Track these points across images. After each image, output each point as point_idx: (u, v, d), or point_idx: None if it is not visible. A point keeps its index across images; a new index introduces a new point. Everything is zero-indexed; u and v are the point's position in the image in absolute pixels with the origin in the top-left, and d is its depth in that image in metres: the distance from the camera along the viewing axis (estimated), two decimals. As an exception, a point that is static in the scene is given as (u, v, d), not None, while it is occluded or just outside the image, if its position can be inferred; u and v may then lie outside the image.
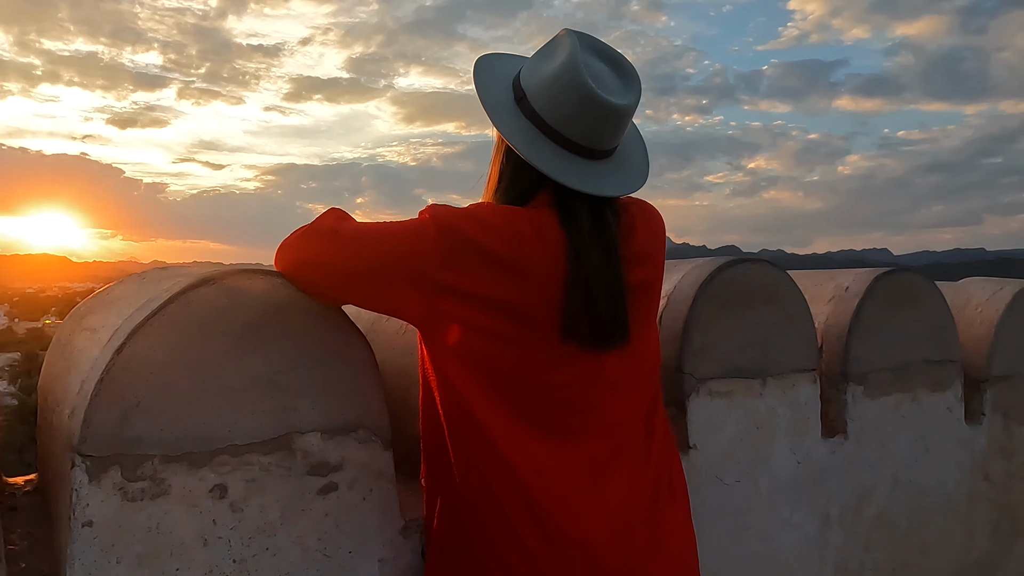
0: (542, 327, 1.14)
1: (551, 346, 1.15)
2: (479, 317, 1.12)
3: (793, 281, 2.00)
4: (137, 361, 1.08)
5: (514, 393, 1.16)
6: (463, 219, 1.14)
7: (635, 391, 1.28)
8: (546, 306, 1.14)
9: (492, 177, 1.24)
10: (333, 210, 1.22)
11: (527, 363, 1.15)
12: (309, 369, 1.23)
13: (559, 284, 1.14)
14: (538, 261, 1.13)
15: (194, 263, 1.53)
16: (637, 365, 1.28)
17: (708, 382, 1.83)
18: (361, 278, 1.16)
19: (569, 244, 1.14)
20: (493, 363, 1.15)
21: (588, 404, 1.21)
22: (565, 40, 1.18)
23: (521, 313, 1.13)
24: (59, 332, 1.52)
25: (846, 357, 2.12)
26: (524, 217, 1.15)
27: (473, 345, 1.14)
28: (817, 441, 2.04)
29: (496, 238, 1.12)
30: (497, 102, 1.19)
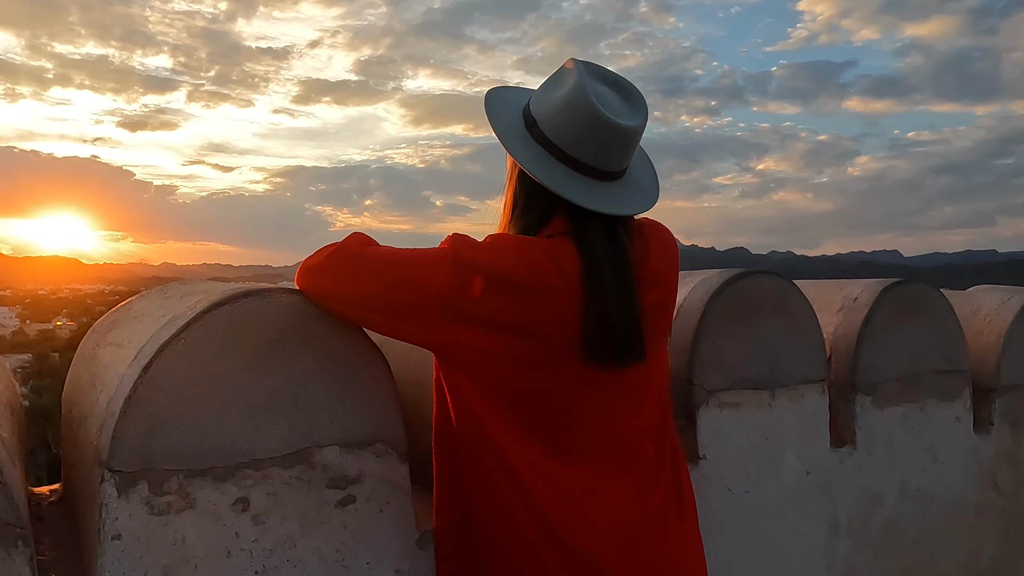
0: (559, 351, 1.17)
1: (567, 369, 1.18)
2: (496, 343, 1.16)
3: (801, 292, 2.03)
4: (164, 379, 1.11)
5: (530, 414, 1.19)
6: (480, 251, 1.17)
7: (646, 408, 1.31)
8: (563, 330, 1.17)
9: (507, 203, 1.27)
10: (356, 235, 1.25)
11: (544, 386, 1.19)
12: (328, 384, 1.26)
13: (576, 308, 1.17)
14: (555, 288, 1.16)
15: (216, 279, 1.57)
16: (649, 383, 1.30)
17: (717, 393, 1.85)
18: (379, 307, 1.20)
19: (585, 268, 1.17)
20: (510, 386, 1.18)
21: (601, 423, 1.24)
22: (572, 69, 1.22)
23: (538, 338, 1.16)
24: (83, 345, 1.56)
25: (855, 367, 2.14)
26: (539, 247, 1.19)
27: (490, 369, 1.17)
28: (826, 451, 2.06)
29: (513, 269, 1.15)
30: (508, 129, 1.22)
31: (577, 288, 1.17)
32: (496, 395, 1.19)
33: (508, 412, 1.19)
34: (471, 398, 1.20)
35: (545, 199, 1.21)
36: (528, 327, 1.16)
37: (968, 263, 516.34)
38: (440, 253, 1.18)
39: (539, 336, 1.16)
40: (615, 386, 1.24)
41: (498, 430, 1.19)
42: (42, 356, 65.28)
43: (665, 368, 1.37)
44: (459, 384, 1.21)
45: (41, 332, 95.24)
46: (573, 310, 1.17)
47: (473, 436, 1.21)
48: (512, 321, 1.15)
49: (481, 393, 1.19)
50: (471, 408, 1.20)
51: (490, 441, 1.19)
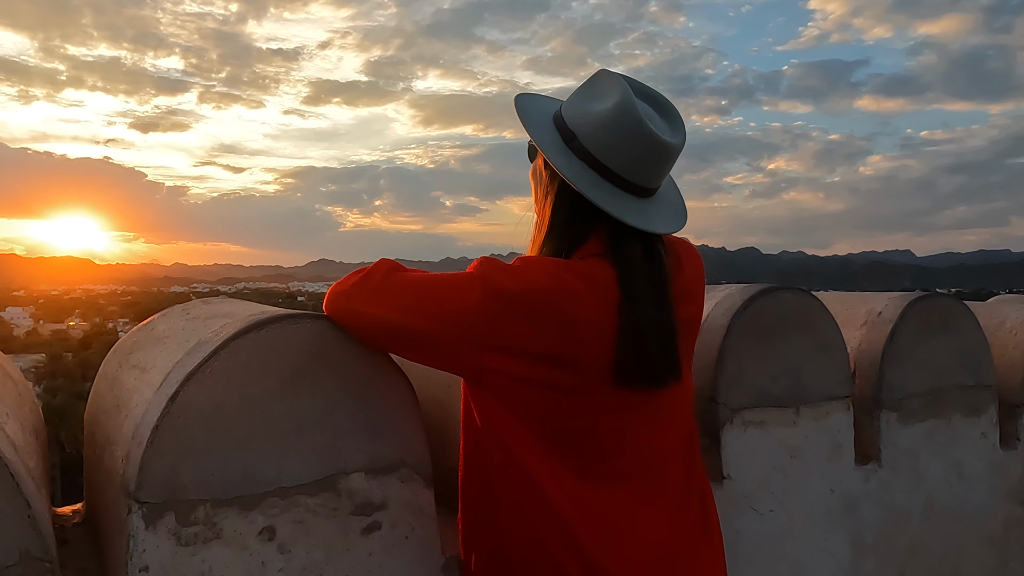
0: (592, 375, 1.15)
1: (601, 393, 1.17)
2: (527, 369, 1.14)
3: (826, 308, 2.00)
4: (190, 408, 1.10)
5: (562, 440, 1.18)
6: (510, 276, 1.15)
7: (674, 429, 1.29)
8: (598, 356, 1.15)
9: (544, 219, 1.24)
10: (383, 262, 1.23)
11: (576, 411, 1.17)
12: (353, 410, 1.25)
13: (612, 333, 1.15)
14: (589, 313, 1.14)
15: (239, 300, 1.56)
16: (677, 402, 1.29)
17: (742, 412, 1.83)
18: (406, 335, 1.18)
19: (623, 291, 1.15)
20: (542, 412, 1.17)
21: (632, 446, 1.23)
22: (614, 82, 1.19)
23: (570, 364, 1.14)
24: (105, 365, 1.56)
25: (880, 384, 2.11)
26: (573, 270, 1.17)
27: (521, 396, 1.16)
28: (851, 468, 2.03)
29: (545, 295, 1.13)
30: (550, 144, 1.20)
31: (613, 312, 1.15)
32: (528, 421, 1.17)
33: (540, 438, 1.18)
34: (502, 424, 1.18)
35: (586, 217, 1.19)
36: (561, 354, 1.14)
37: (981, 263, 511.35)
38: (468, 279, 1.16)
39: (572, 362, 1.15)
40: (647, 408, 1.23)
41: (530, 456, 1.18)
42: (55, 356, 65.87)
43: (691, 386, 1.36)
44: (490, 410, 1.19)
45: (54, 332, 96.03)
46: (608, 335, 1.15)
47: (504, 462, 1.20)
48: (544, 349, 1.13)
49: (512, 419, 1.18)
50: (502, 434, 1.19)
51: (522, 467, 1.17)
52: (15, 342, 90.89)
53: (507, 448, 1.18)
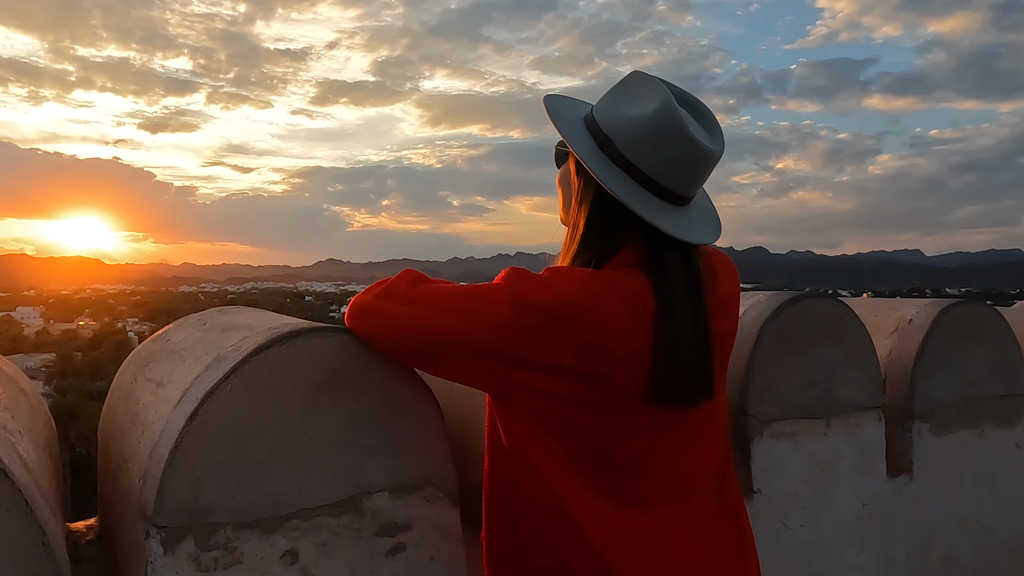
0: (624, 392, 1.10)
1: (631, 411, 1.12)
2: (556, 385, 1.09)
3: (856, 315, 1.94)
4: (209, 427, 1.06)
5: (591, 460, 1.13)
6: (540, 288, 1.09)
7: (708, 449, 1.24)
8: (629, 371, 1.10)
9: (577, 228, 1.18)
10: (407, 273, 1.18)
11: (607, 430, 1.12)
12: (377, 427, 1.20)
13: (645, 347, 1.10)
14: (622, 326, 1.09)
15: (255, 310, 1.51)
16: (711, 422, 1.24)
17: (772, 424, 1.77)
18: (430, 349, 1.13)
19: (660, 305, 1.10)
20: (571, 430, 1.12)
21: (664, 467, 1.18)
22: (653, 86, 1.14)
23: (602, 380, 1.09)
24: (120, 376, 1.52)
25: (912, 393, 2.05)
26: (606, 282, 1.11)
27: (549, 412, 1.11)
28: (882, 481, 1.97)
29: (576, 308, 1.08)
30: (587, 150, 1.15)
31: (648, 326, 1.10)
32: (556, 439, 1.12)
33: (568, 458, 1.13)
34: (529, 442, 1.13)
35: (621, 227, 1.14)
36: (592, 370, 1.09)
37: (991, 262, 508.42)
38: (495, 290, 1.11)
39: (604, 378, 1.09)
40: (680, 426, 1.18)
41: (558, 477, 1.13)
42: (65, 356, 66.21)
43: (725, 403, 1.30)
44: (516, 427, 1.14)
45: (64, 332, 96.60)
46: (642, 350, 1.10)
47: (530, 482, 1.15)
48: (575, 364, 1.08)
49: (540, 438, 1.13)
50: (529, 454, 1.14)
51: (549, 488, 1.12)
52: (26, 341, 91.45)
53: (534, 468, 1.13)
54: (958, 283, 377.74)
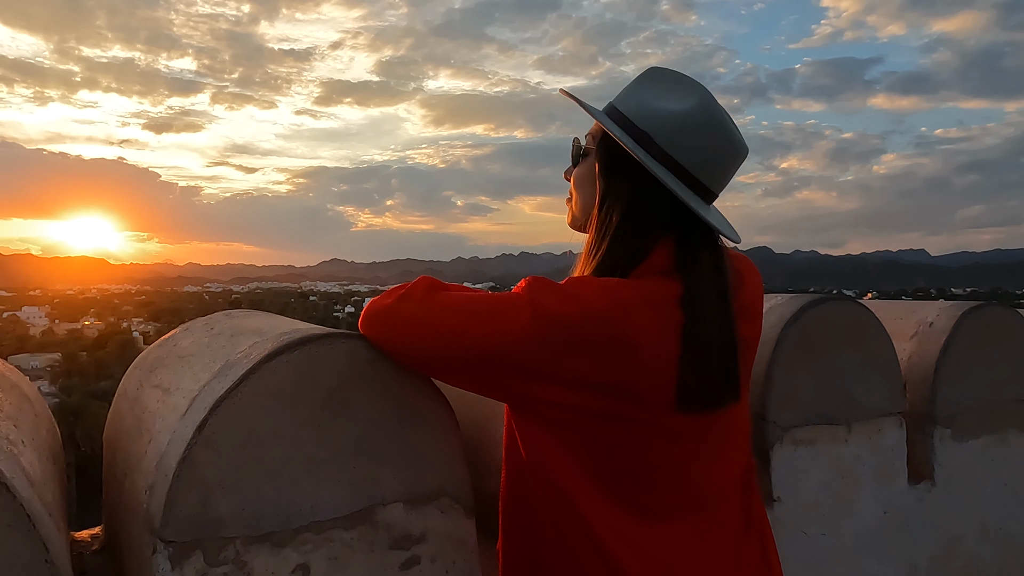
0: (650, 405, 1.06)
1: (656, 423, 1.07)
2: (579, 398, 1.05)
3: (877, 319, 1.90)
4: (219, 438, 1.02)
5: (614, 473, 1.08)
6: (563, 299, 1.04)
7: (732, 460, 1.20)
8: (656, 382, 1.06)
9: (607, 229, 1.13)
10: (423, 280, 1.14)
11: (630, 442, 1.08)
12: (391, 435, 1.17)
13: (673, 354, 1.06)
14: (651, 340, 1.05)
15: (264, 314, 1.48)
16: (735, 432, 1.20)
17: (792, 430, 1.73)
18: (447, 361, 1.09)
19: (689, 306, 1.07)
20: (592, 443, 1.07)
21: (688, 481, 1.13)
22: (687, 81, 1.12)
23: (627, 392, 1.05)
24: (125, 382, 1.48)
25: (933, 398, 2.00)
26: (635, 291, 1.07)
27: (571, 425, 1.07)
28: (903, 488, 1.93)
29: (602, 320, 1.03)
30: (634, 146, 1.10)
31: (675, 332, 1.07)
32: (577, 452, 1.08)
33: (590, 471, 1.09)
34: (549, 455, 1.09)
35: (653, 228, 1.11)
36: (617, 382, 1.05)
37: (997, 262, 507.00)
38: (515, 300, 1.06)
39: (629, 391, 1.05)
40: (704, 437, 1.14)
41: (579, 491, 1.09)
42: (71, 355, 66.40)
43: (748, 412, 1.26)
44: (536, 440, 1.10)
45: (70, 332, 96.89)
46: (670, 358, 1.06)
47: (550, 496, 1.11)
48: (599, 377, 1.04)
49: (560, 450, 1.08)
50: (549, 466, 1.09)
51: (569, 502, 1.08)
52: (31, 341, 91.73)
53: (553, 479, 1.09)
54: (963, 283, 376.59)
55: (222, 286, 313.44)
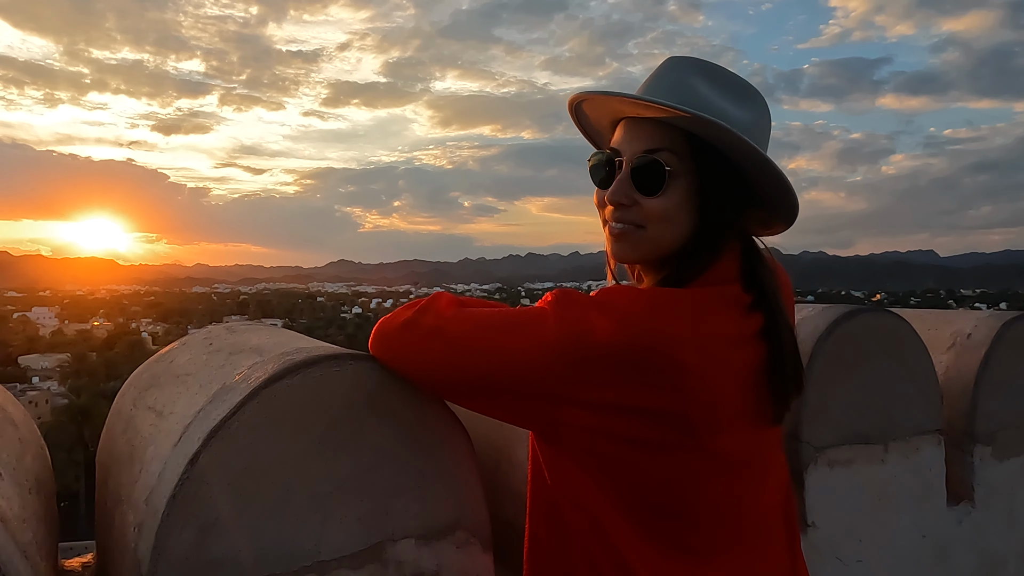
0: (701, 429, 0.96)
1: (705, 449, 0.97)
2: (616, 425, 0.94)
3: (914, 331, 1.79)
4: (213, 471, 0.92)
5: (654, 508, 0.98)
6: (596, 313, 0.94)
7: (774, 487, 1.11)
8: (710, 404, 0.96)
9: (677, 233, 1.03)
10: (440, 295, 1.05)
11: (672, 473, 0.97)
12: (403, 465, 1.07)
13: (740, 368, 0.98)
14: (708, 352, 0.95)
15: (267, 328, 1.39)
16: (777, 451, 1.11)
17: (827, 450, 1.63)
18: (464, 386, 1.00)
19: (769, 316, 1.01)
20: (630, 474, 0.97)
21: (735, 513, 1.03)
22: (743, 83, 1.05)
23: (674, 416, 0.94)
24: (119, 401, 1.39)
25: (972, 414, 1.90)
26: (692, 298, 0.98)
27: (605, 455, 0.96)
28: (942, 510, 1.82)
29: (644, 339, 0.93)
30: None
31: (752, 339, 1.00)
32: (614, 484, 0.98)
33: (628, 504, 0.98)
34: (582, 487, 0.99)
35: (725, 231, 1.04)
36: (663, 407, 0.94)
37: (1007, 263, 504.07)
38: (541, 317, 0.96)
39: (678, 414, 0.95)
40: (751, 460, 1.04)
41: (617, 527, 0.98)
42: (80, 356, 66.68)
43: (782, 432, 1.17)
44: (567, 471, 1.00)
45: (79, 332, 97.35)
46: (741, 370, 0.98)
47: (583, 533, 1.00)
48: (641, 401, 0.93)
49: (595, 482, 0.98)
50: (582, 499, 0.99)
51: (606, 540, 0.98)
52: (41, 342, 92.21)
53: (588, 516, 0.99)
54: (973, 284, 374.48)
55: (230, 287, 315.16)
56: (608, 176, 1.07)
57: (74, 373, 61.05)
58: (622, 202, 1.03)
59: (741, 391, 1.01)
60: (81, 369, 61.70)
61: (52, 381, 66.14)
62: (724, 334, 1.00)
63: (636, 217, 1.03)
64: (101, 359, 64.80)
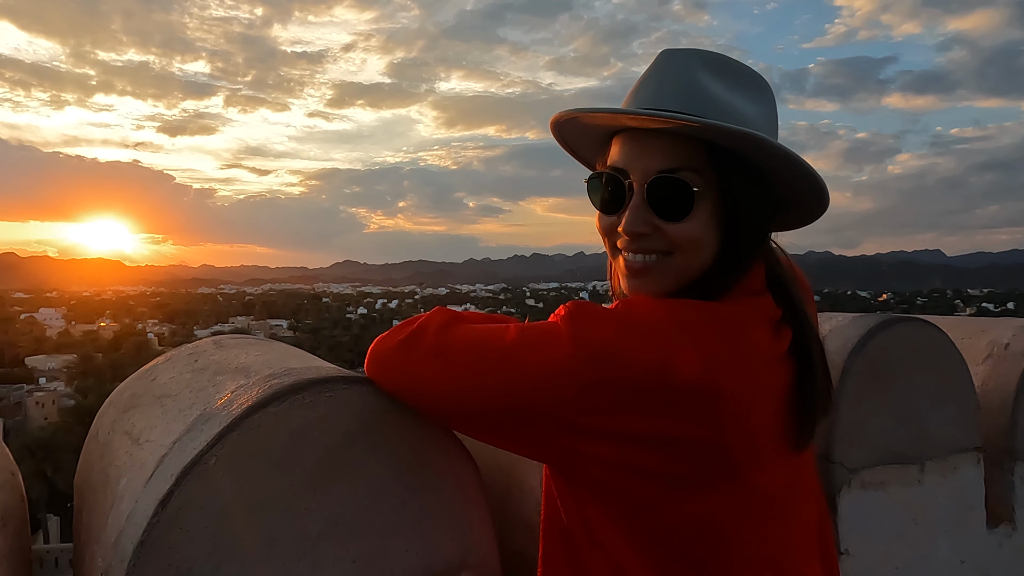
0: (739, 459, 0.85)
1: (740, 489, 0.86)
2: (641, 459, 0.83)
3: (951, 342, 1.68)
4: (187, 514, 0.82)
5: (679, 548, 0.87)
6: (615, 332, 0.83)
7: (807, 519, 1.00)
8: (749, 425, 0.85)
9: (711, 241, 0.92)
10: (438, 312, 0.93)
11: (704, 514, 0.86)
12: (403, 500, 0.96)
13: (776, 388, 0.89)
14: (745, 380, 0.85)
15: (258, 343, 1.28)
16: (809, 482, 1.01)
17: (860, 472, 1.52)
18: (472, 413, 0.88)
19: (796, 330, 0.92)
20: (655, 512, 0.86)
21: (766, 555, 0.92)
22: (750, 73, 0.94)
23: (708, 449, 0.83)
24: (99, 421, 1.29)
25: (1012, 430, 1.78)
26: (726, 317, 0.87)
27: (627, 491, 0.85)
28: (981, 533, 1.71)
29: (669, 354, 0.82)
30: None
31: (785, 355, 0.90)
32: (637, 524, 0.87)
33: (652, 546, 0.88)
34: (601, 527, 0.89)
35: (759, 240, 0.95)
36: (694, 438, 0.83)
37: (1014, 263, 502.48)
38: (553, 334, 0.85)
39: (710, 447, 0.84)
40: (788, 489, 0.94)
41: (632, 567, 0.88)
42: (87, 356, 66.85)
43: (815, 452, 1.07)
44: (585, 508, 0.89)
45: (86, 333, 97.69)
46: (775, 391, 0.89)
47: (602, 571, 0.90)
48: (669, 432, 0.82)
49: (616, 521, 0.88)
50: (601, 541, 0.89)
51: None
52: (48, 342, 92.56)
53: (607, 558, 0.88)
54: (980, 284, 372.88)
55: (236, 288, 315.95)
56: (614, 200, 0.94)
57: (81, 374, 61.19)
58: (642, 232, 0.91)
59: (776, 416, 0.90)
60: (88, 370, 61.83)
61: (59, 382, 66.34)
62: (761, 353, 0.89)
63: (660, 245, 0.91)
64: (107, 360, 64.93)
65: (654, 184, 0.90)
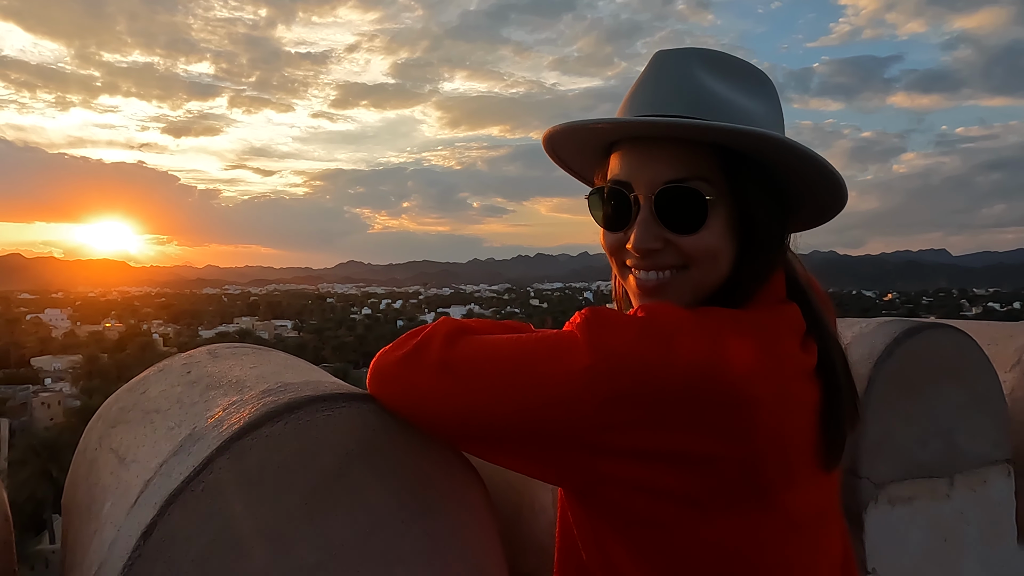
0: (771, 484, 0.78)
1: (771, 512, 0.79)
2: (664, 478, 0.76)
3: (981, 349, 1.60)
4: (171, 545, 0.75)
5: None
6: (638, 339, 0.76)
7: (830, 542, 0.93)
8: (784, 452, 0.79)
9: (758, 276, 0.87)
10: (444, 323, 0.86)
11: (730, 540, 0.79)
12: (407, 525, 0.89)
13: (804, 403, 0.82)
14: (779, 392, 0.78)
15: (256, 353, 1.21)
16: (833, 503, 0.94)
17: (888, 486, 1.44)
18: (482, 431, 0.82)
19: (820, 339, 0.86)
20: (681, 539, 0.79)
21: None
22: (751, 69, 0.88)
23: (738, 468, 0.77)
24: (87, 436, 1.23)
25: (1043, 441, 1.70)
26: (750, 325, 0.81)
27: (650, 515, 0.78)
28: (1013, 549, 1.63)
29: (697, 364, 0.75)
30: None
31: (811, 368, 0.84)
32: (660, 551, 0.80)
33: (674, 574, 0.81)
34: (617, 557, 0.82)
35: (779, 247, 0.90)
36: (724, 455, 0.76)
37: (1020, 262, 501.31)
38: (569, 344, 0.78)
39: (741, 465, 0.77)
40: (815, 519, 0.87)
41: None
42: (92, 357, 67.07)
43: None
44: (602, 533, 0.83)
45: (91, 333, 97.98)
46: (803, 407, 0.82)
47: None
48: (695, 449, 0.76)
49: (636, 548, 0.81)
50: (621, 569, 0.82)
51: None
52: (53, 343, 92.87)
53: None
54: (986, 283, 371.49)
55: (241, 288, 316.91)
56: (619, 216, 0.87)
57: (86, 374, 61.38)
58: (653, 247, 0.85)
59: (807, 433, 0.83)
60: (93, 370, 62.00)
61: (65, 382, 66.56)
62: (794, 365, 0.83)
63: (673, 260, 0.85)
64: (113, 360, 65.10)
65: (662, 196, 0.83)
